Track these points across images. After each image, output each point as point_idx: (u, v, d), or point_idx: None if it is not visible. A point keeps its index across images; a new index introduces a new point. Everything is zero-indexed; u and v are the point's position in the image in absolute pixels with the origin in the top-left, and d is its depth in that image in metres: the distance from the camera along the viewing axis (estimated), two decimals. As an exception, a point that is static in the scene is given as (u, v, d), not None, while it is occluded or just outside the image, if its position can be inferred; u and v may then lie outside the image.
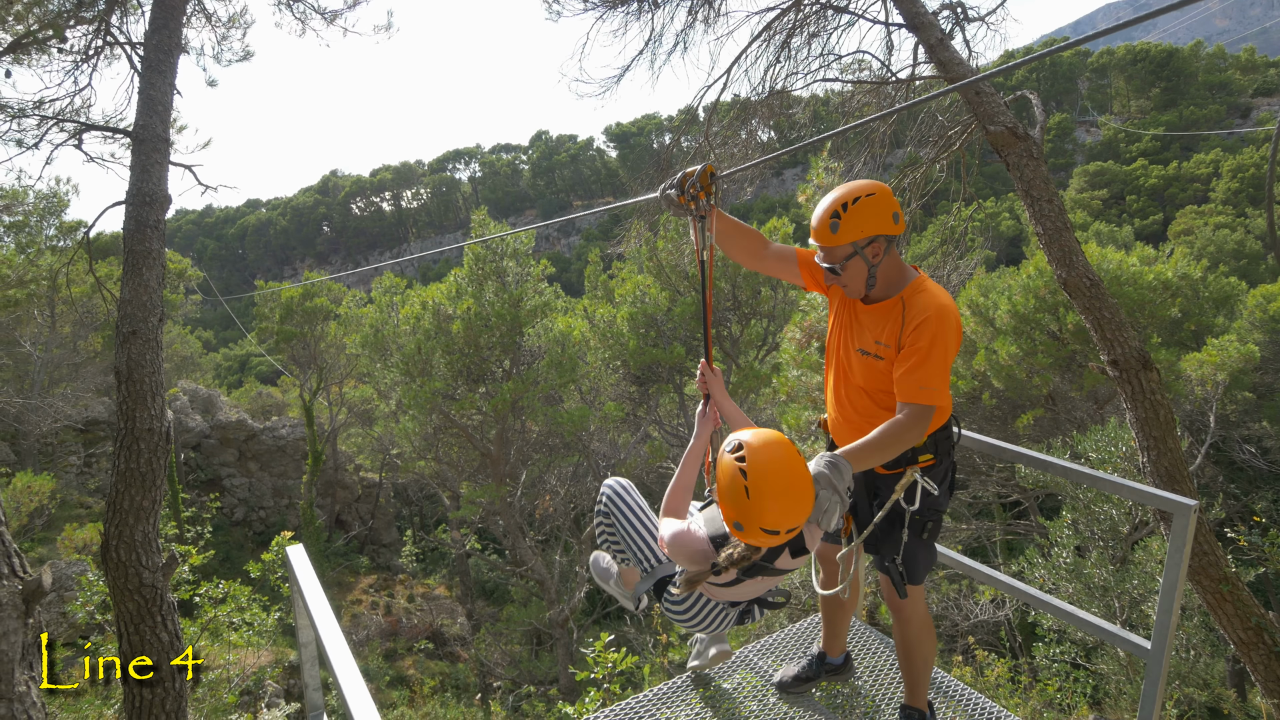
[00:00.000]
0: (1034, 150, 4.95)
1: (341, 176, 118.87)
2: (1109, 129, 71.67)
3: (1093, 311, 4.88)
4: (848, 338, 2.79)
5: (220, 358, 51.87)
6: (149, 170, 4.25)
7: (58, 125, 5.56)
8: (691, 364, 20.03)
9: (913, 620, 2.91)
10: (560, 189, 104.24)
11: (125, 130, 4.61)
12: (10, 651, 1.50)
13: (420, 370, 15.73)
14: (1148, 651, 2.80)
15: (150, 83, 4.43)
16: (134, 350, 3.96)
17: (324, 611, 2.67)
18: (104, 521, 3.90)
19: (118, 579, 3.77)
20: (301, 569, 3.03)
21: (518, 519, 17.67)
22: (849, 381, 2.80)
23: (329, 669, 2.35)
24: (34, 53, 6.04)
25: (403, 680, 18.27)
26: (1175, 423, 4.69)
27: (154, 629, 3.80)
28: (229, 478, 26.52)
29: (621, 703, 3.65)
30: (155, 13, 4.58)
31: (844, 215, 2.51)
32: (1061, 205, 4.94)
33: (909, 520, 2.69)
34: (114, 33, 5.63)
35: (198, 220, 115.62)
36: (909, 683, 3.05)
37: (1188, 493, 4.68)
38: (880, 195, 2.51)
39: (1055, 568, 9.22)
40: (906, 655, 2.99)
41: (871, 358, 2.66)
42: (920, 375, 2.47)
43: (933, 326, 2.49)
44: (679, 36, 6.28)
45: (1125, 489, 2.93)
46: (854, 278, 2.61)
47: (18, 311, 18.23)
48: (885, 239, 2.55)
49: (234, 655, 8.00)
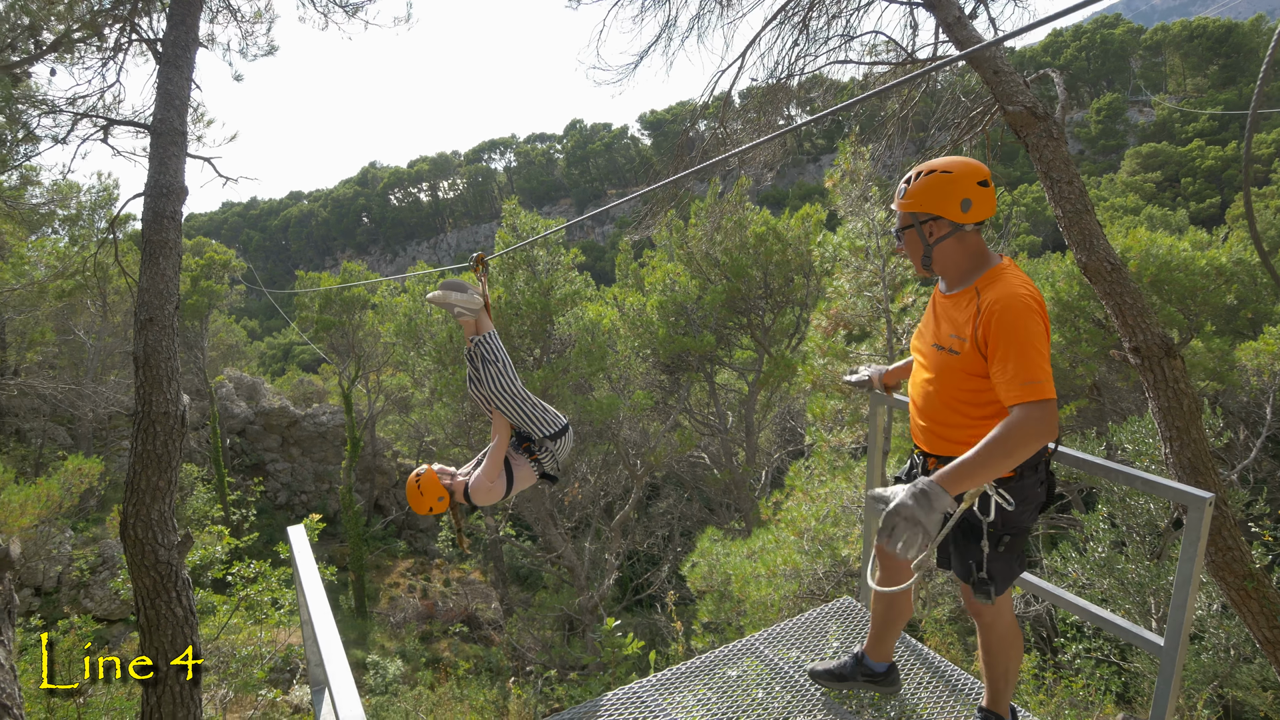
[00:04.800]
0: (1054, 130, 4.82)
1: (380, 168, 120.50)
2: (1163, 109, 69.17)
3: (1114, 297, 4.75)
4: (926, 333, 2.67)
5: (264, 346, 53.11)
6: (166, 163, 4.40)
7: (89, 120, 5.76)
8: (723, 352, 20.01)
9: (995, 627, 2.77)
10: (594, 178, 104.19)
11: (145, 124, 4.77)
12: (-21, 617, 1.60)
13: (453, 358, 15.93)
14: (1160, 649, 2.71)
15: (167, 77, 4.57)
16: (151, 336, 4.12)
17: (315, 589, 2.75)
18: (123, 501, 4.07)
19: (135, 556, 3.93)
20: (300, 549, 3.11)
21: (548, 506, 17.84)
22: (923, 379, 2.68)
23: (313, 645, 2.44)
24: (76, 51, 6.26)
25: (437, 662, 18.64)
26: (1200, 413, 4.56)
27: (169, 604, 3.96)
28: (272, 462, 27.24)
29: (625, 686, 3.65)
30: (173, 9, 4.71)
31: (911, 184, 2.46)
32: (1083, 187, 4.81)
33: (986, 532, 2.51)
34: (140, 30, 5.80)
35: (243, 212, 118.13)
36: (990, 688, 2.92)
37: (1210, 486, 4.55)
38: (956, 178, 2.38)
39: (1089, 563, 9.01)
40: (988, 662, 2.86)
41: (946, 352, 2.50)
42: (1017, 369, 2.22)
43: (1012, 316, 2.27)
44: (693, 21, 6.24)
45: (1137, 480, 2.78)
46: (910, 249, 2.55)
47: (71, 300, 18.92)
48: (950, 223, 2.43)
49: (266, 634, 8.25)
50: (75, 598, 15.79)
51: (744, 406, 20.73)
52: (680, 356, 18.68)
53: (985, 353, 2.34)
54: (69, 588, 15.99)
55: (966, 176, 2.38)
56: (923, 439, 2.71)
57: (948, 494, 2.11)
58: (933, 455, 2.67)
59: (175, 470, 4.12)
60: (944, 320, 2.55)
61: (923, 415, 2.68)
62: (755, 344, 19.58)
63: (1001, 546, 2.53)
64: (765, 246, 17.76)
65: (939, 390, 2.57)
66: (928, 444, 2.69)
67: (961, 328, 2.43)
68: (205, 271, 24.61)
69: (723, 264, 17.96)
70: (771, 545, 9.90)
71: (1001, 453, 2.16)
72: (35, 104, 6.27)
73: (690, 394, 21.10)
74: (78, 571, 15.91)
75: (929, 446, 2.68)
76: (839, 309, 11.11)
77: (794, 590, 9.17)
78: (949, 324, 2.51)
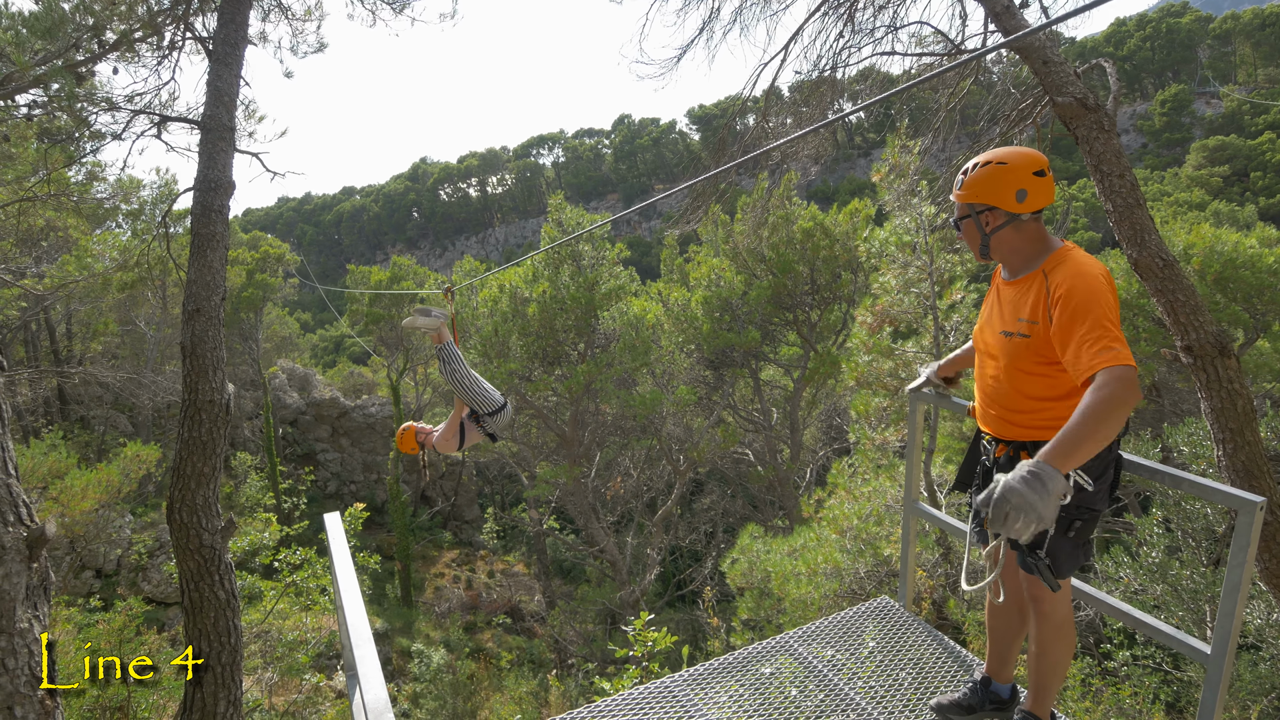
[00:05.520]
0: (1105, 122, 4.66)
1: (431, 163, 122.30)
2: (1232, 100, 66.48)
3: (1165, 294, 4.58)
4: (993, 320, 2.67)
5: (317, 338, 54.45)
6: (214, 158, 4.51)
7: (145, 116, 5.94)
8: (768, 348, 19.85)
9: (1050, 618, 2.68)
10: (642, 172, 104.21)
11: (195, 120, 4.91)
12: (13, 591, 1.65)
13: (498, 352, 16.09)
14: (1208, 657, 2.61)
15: (217, 74, 4.69)
16: (198, 327, 4.23)
17: (348, 575, 2.79)
18: (169, 486, 4.19)
19: (180, 539, 4.05)
20: (335, 535, 3.16)
21: (590, 499, 17.93)
22: (990, 368, 2.68)
23: (344, 631, 2.47)
24: (135, 50, 6.46)
25: (481, 652, 18.89)
26: (1254, 415, 4.36)
27: (212, 587, 4.07)
28: (323, 452, 27.88)
29: (657, 680, 3.64)
30: (224, 8, 4.83)
31: (968, 176, 2.51)
32: (1134, 180, 4.63)
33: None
34: (194, 29, 5.96)
35: (297, 207, 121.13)
36: (1034, 687, 2.80)
37: (1265, 490, 4.36)
38: (1011, 168, 2.42)
39: (1141, 568, 8.71)
40: (1038, 656, 2.74)
41: (1015, 337, 2.50)
42: (1094, 338, 2.20)
43: (1083, 291, 2.27)
44: (735, 14, 6.17)
45: (1184, 482, 2.67)
46: (969, 239, 2.60)
47: (133, 293, 19.62)
48: (1005, 213, 2.47)
49: (311, 620, 8.44)
50: (134, 580, 16.38)
51: (789, 403, 20.54)
52: (724, 352, 18.58)
53: (1057, 331, 2.33)
54: (128, 570, 16.61)
55: (1022, 167, 2.41)
56: (993, 426, 2.71)
57: (1059, 473, 2.04)
58: (1003, 442, 2.67)
59: (220, 457, 4.23)
60: (1009, 306, 2.56)
61: (992, 404, 2.68)
62: (801, 340, 19.37)
63: (1072, 531, 2.50)
64: (812, 242, 17.55)
65: (1010, 376, 2.56)
66: (998, 430, 2.68)
67: (1031, 311, 2.44)
68: (260, 265, 25.29)
69: (769, 259, 17.80)
70: (813, 543, 9.80)
71: (1097, 420, 2.09)
72: (96, 101, 6.49)
73: (735, 390, 20.98)
74: (135, 555, 16.51)
75: (1000, 433, 2.67)
76: (884, 305, 10.90)
77: (834, 589, 9.05)
78: (1015, 309, 2.52)
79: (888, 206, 11.00)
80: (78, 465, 9.96)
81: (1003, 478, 2.07)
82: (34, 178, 9.21)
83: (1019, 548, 2.59)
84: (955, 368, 3.32)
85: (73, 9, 6.34)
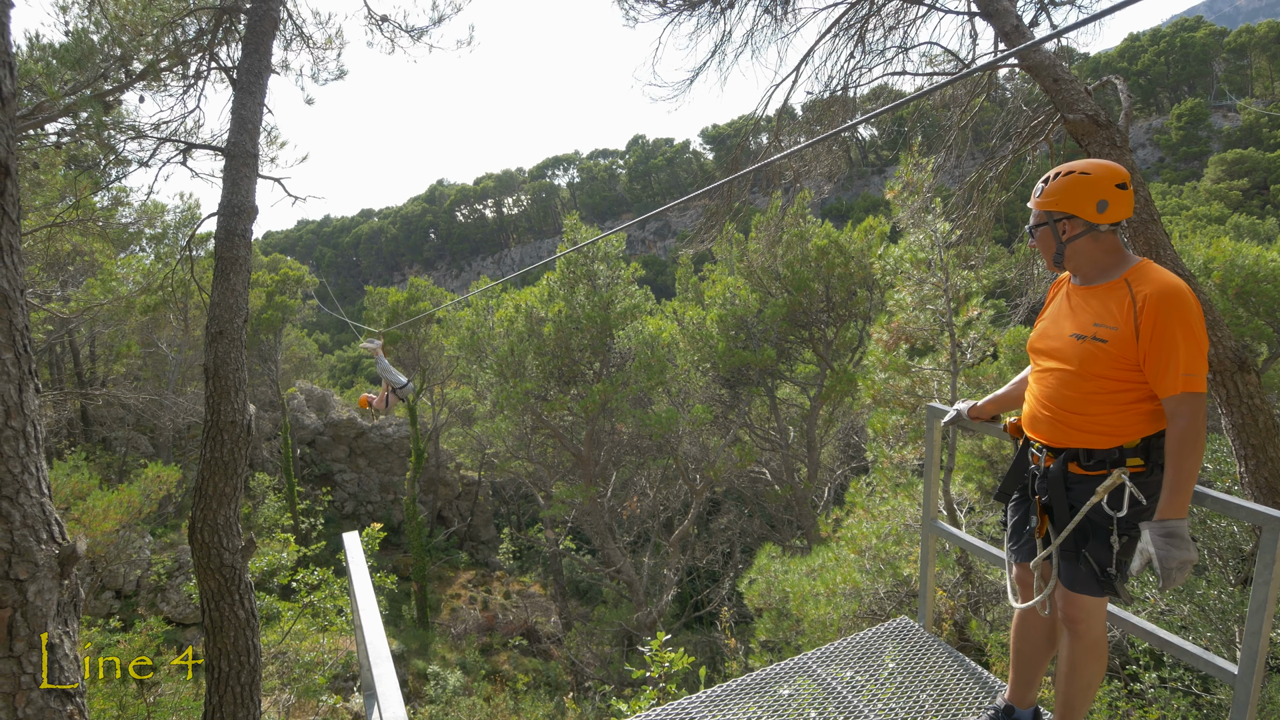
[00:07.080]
0: (1116, 139, 4.67)
1: (447, 185, 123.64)
2: (1249, 113, 66.05)
3: (1184, 310, 4.55)
4: (1062, 325, 2.66)
5: (335, 359, 54.80)
6: (238, 183, 4.62)
7: (170, 144, 6.08)
8: (784, 366, 19.80)
9: (1085, 637, 2.67)
10: (657, 192, 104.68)
11: (219, 147, 5.02)
12: (45, 607, 1.70)
13: (514, 371, 16.16)
14: (1235, 678, 2.58)
15: (241, 102, 4.81)
16: (220, 349, 4.31)
17: (367, 594, 2.81)
18: (191, 506, 4.24)
19: (201, 559, 4.10)
20: (354, 554, 3.18)
21: (606, 519, 17.88)
22: (1055, 373, 2.65)
23: (362, 650, 2.49)
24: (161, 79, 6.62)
25: (497, 674, 18.80)
26: (1277, 430, 4.31)
27: (232, 606, 4.11)
28: (340, 473, 28.02)
29: (674, 702, 3.62)
30: (247, 39, 4.95)
31: (1049, 184, 2.55)
32: (1148, 195, 4.63)
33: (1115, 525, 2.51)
34: (218, 58, 6.10)
35: (316, 230, 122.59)
36: (1062, 708, 2.77)
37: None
38: (1094, 180, 2.47)
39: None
40: (1068, 676, 2.72)
41: (1089, 341, 2.51)
42: (1184, 360, 2.30)
43: (1179, 308, 2.33)
44: (747, 37, 6.24)
45: (1207, 499, 2.65)
46: (1043, 246, 2.64)
47: (155, 315, 19.91)
48: (1084, 223, 2.50)
49: (329, 641, 8.45)
50: (153, 601, 16.48)
51: (806, 421, 20.44)
52: (740, 370, 18.56)
53: (1151, 341, 2.37)
54: (147, 591, 16.71)
55: (1105, 179, 2.46)
56: (1047, 432, 2.68)
57: (1184, 520, 2.28)
58: (1053, 450, 2.67)
59: (241, 477, 4.29)
60: (1084, 311, 2.56)
61: (1049, 408, 2.66)
62: (817, 358, 19.32)
63: (1118, 546, 2.54)
64: (827, 259, 17.54)
65: (1080, 380, 2.55)
66: (1052, 437, 2.66)
67: (1111, 316, 2.46)
68: (280, 287, 25.57)
69: (784, 277, 17.80)
70: (831, 563, 9.71)
71: (1191, 451, 2.30)
72: (123, 129, 6.65)
73: (751, 408, 20.93)
74: (155, 576, 16.63)
75: (1053, 439, 2.66)
76: (900, 322, 10.87)
77: (853, 610, 8.96)
78: (1092, 314, 2.52)
79: (902, 223, 10.99)
80: (99, 486, 10.08)
81: (1152, 551, 2.29)
82: (61, 203, 9.41)
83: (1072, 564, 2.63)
84: (999, 408, 3.26)
85: (101, 40, 6.51)
